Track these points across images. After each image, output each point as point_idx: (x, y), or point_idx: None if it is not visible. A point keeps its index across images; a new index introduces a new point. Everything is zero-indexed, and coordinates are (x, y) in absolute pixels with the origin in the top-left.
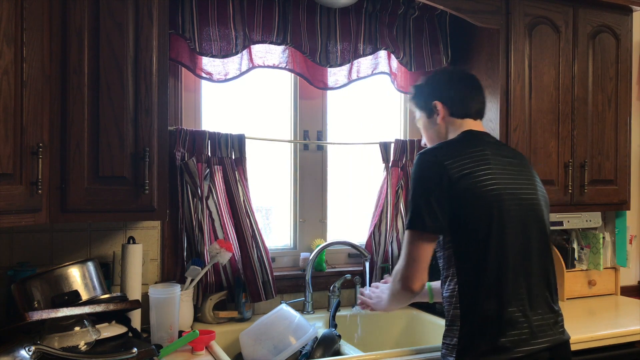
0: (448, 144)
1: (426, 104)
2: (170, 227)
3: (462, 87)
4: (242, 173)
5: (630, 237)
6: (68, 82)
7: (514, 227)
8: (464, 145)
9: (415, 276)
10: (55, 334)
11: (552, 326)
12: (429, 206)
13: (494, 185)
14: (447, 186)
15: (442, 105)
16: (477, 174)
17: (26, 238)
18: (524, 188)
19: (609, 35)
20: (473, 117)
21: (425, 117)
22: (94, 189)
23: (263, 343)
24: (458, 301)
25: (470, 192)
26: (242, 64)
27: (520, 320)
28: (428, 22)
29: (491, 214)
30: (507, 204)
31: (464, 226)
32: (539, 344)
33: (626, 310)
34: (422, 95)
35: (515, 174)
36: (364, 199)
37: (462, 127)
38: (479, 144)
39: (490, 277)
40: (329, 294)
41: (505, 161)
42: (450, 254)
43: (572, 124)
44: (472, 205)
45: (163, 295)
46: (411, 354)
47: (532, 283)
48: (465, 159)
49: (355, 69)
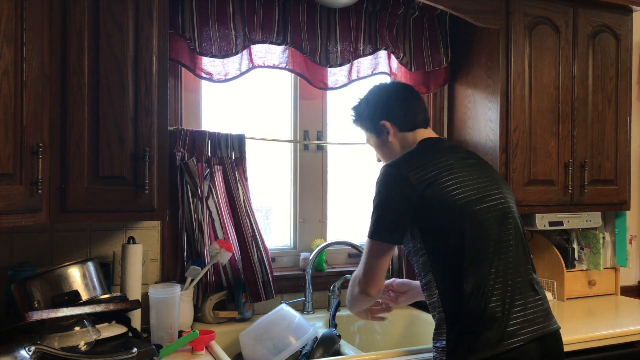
0: (411, 155)
1: (373, 125)
2: (170, 227)
3: (403, 99)
4: (242, 173)
5: (630, 237)
6: (68, 82)
7: (488, 228)
8: (425, 155)
9: (373, 282)
10: (55, 334)
11: (539, 316)
12: (388, 219)
13: (459, 189)
14: (413, 198)
15: (390, 123)
16: (442, 182)
17: (26, 238)
18: (488, 188)
19: (609, 35)
20: (423, 126)
21: (375, 137)
22: (94, 189)
23: (263, 343)
24: (441, 305)
25: (438, 201)
26: (242, 64)
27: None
28: (428, 22)
29: (462, 218)
30: (475, 206)
31: (435, 233)
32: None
33: (626, 310)
34: (366, 117)
35: (478, 174)
36: (364, 199)
37: (417, 138)
38: (440, 151)
39: (469, 279)
40: (329, 294)
41: (466, 163)
42: (425, 260)
43: (572, 124)
44: (441, 213)
45: (163, 295)
46: (411, 354)
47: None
48: (428, 167)
49: (355, 69)
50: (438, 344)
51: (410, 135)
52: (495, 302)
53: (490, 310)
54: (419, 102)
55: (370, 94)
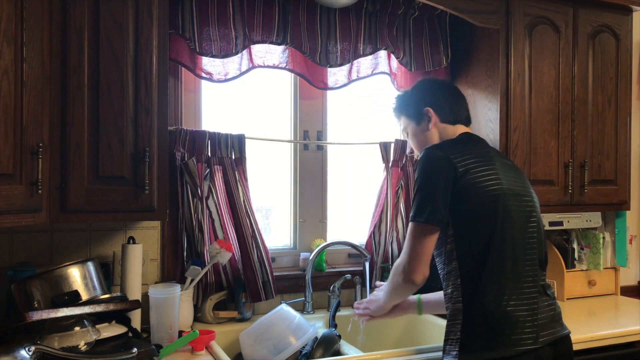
0: (451, 142)
1: (416, 111)
2: (170, 227)
3: (450, 95)
4: (242, 173)
5: (630, 237)
6: (68, 82)
7: (515, 223)
8: (466, 144)
9: (418, 268)
10: (55, 334)
11: (553, 320)
12: (434, 199)
13: (496, 181)
14: (453, 181)
15: (433, 111)
16: (481, 171)
17: (26, 238)
18: (522, 187)
19: (609, 35)
20: (464, 123)
21: (413, 124)
22: (94, 189)
23: (263, 343)
24: (460, 295)
25: (474, 188)
26: (242, 64)
27: (525, 314)
28: (428, 22)
29: (494, 210)
30: (508, 201)
31: (467, 221)
32: (543, 338)
33: (626, 310)
34: (409, 103)
35: (514, 175)
36: (364, 199)
37: (457, 132)
38: (481, 145)
39: (493, 273)
40: (329, 294)
41: (504, 162)
42: (452, 248)
43: (572, 124)
44: (475, 200)
45: (163, 295)
46: (411, 354)
47: (535, 277)
48: (470, 155)
49: (355, 69)
50: (452, 335)
51: (451, 128)
52: (515, 302)
53: (511, 308)
54: (464, 102)
55: (419, 84)
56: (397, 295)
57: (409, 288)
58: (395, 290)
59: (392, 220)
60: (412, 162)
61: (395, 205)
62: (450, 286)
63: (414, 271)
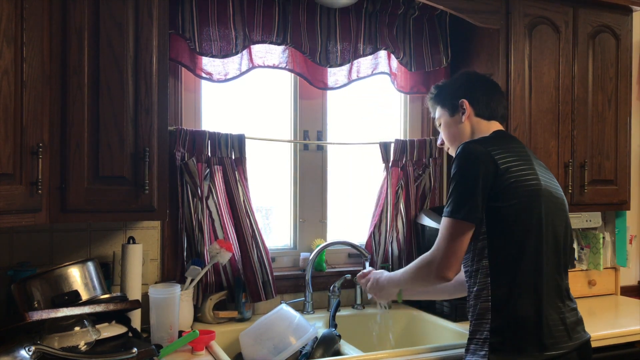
0: (489, 138)
1: (451, 101)
2: (170, 227)
3: (489, 89)
4: (242, 173)
5: (630, 237)
6: (68, 82)
7: (550, 224)
8: (504, 141)
9: (453, 265)
10: (55, 334)
11: (577, 324)
12: (473, 196)
13: (535, 181)
14: (493, 177)
15: (468, 103)
16: (520, 169)
17: (26, 238)
18: (556, 189)
19: (609, 35)
20: (499, 120)
21: (447, 115)
22: (94, 189)
23: (263, 343)
24: (489, 294)
25: (514, 186)
26: (242, 64)
27: (555, 317)
28: (428, 22)
29: (531, 210)
30: (545, 201)
31: (503, 219)
32: (572, 342)
33: (626, 310)
34: (446, 92)
35: (549, 175)
36: (364, 199)
37: (491, 129)
38: (516, 142)
39: (527, 273)
40: (329, 294)
41: (539, 162)
42: (484, 245)
43: (572, 124)
44: (513, 199)
45: (163, 295)
46: (411, 354)
47: (562, 281)
48: (508, 153)
49: (355, 69)
50: (479, 334)
51: (485, 123)
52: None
53: (544, 312)
54: (502, 99)
55: (458, 76)
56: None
57: (439, 283)
58: (419, 282)
59: (392, 220)
60: (414, 154)
61: (395, 205)
62: (478, 284)
63: (449, 268)
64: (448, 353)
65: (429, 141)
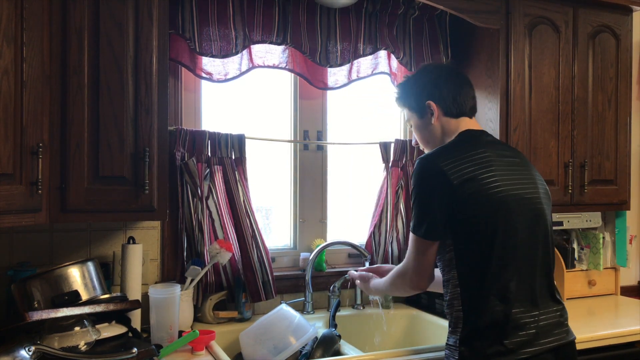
0: (447, 148)
1: (418, 104)
2: (170, 227)
3: (453, 84)
4: (242, 173)
5: (630, 237)
6: (68, 82)
7: (519, 229)
8: (464, 148)
9: (423, 277)
10: (55, 334)
11: (557, 326)
12: (430, 214)
13: (498, 188)
14: (448, 192)
15: (436, 105)
16: (480, 178)
17: (26, 238)
18: (526, 188)
19: (609, 35)
20: (468, 114)
21: (417, 117)
22: (94, 189)
23: (263, 343)
24: (460, 304)
25: (474, 197)
26: (242, 64)
27: (524, 322)
28: (428, 22)
29: (496, 217)
30: (512, 206)
31: (467, 230)
32: (543, 345)
33: (626, 310)
34: (411, 94)
35: (517, 173)
36: (364, 199)
37: (459, 127)
38: (480, 145)
39: (495, 280)
40: (329, 294)
41: (506, 161)
42: (452, 257)
43: (572, 124)
44: (476, 209)
45: (163, 295)
46: (411, 354)
47: (537, 283)
48: (466, 162)
49: (355, 69)
50: (452, 341)
51: (454, 122)
52: (517, 308)
53: (514, 316)
54: (469, 89)
55: (420, 72)
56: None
57: (416, 292)
58: (399, 291)
59: (392, 220)
60: (414, 154)
61: (395, 205)
62: (449, 294)
63: (420, 280)
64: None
65: None
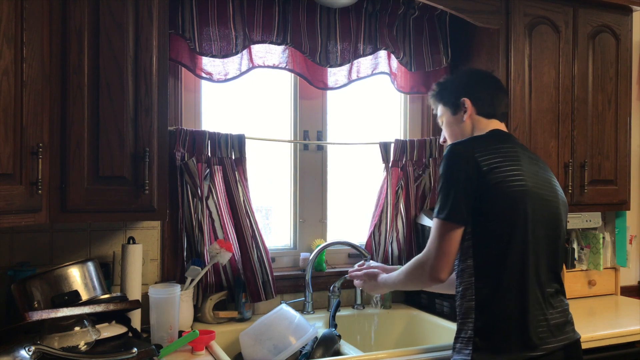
0: (478, 139)
1: (453, 100)
2: (170, 227)
3: (490, 87)
4: (242, 173)
5: (630, 237)
6: (68, 82)
7: (538, 225)
8: (494, 141)
9: (445, 266)
10: (55, 334)
11: (566, 324)
12: (456, 197)
13: (521, 182)
14: (476, 178)
15: (470, 102)
16: (506, 170)
17: (26, 238)
18: (547, 190)
19: (609, 35)
20: (499, 118)
21: (449, 113)
22: (94, 189)
23: (263, 343)
24: (473, 294)
25: (498, 187)
26: (242, 64)
27: (540, 318)
28: (428, 22)
29: (517, 210)
30: (532, 202)
31: (487, 220)
32: (557, 342)
33: (626, 310)
34: (448, 90)
35: (541, 175)
36: (364, 199)
37: (489, 127)
38: (509, 142)
39: (512, 273)
40: (329, 294)
41: (531, 161)
42: (469, 245)
43: (572, 124)
44: (498, 200)
45: (163, 295)
46: (411, 354)
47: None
48: (495, 154)
49: (355, 69)
50: (463, 333)
51: (485, 122)
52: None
53: (530, 310)
54: (504, 96)
55: (461, 73)
56: (414, 287)
57: (433, 284)
58: (414, 284)
59: (392, 220)
60: (414, 154)
61: (395, 205)
62: (463, 284)
63: (441, 270)
64: (448, 353)
65: (429, 141)
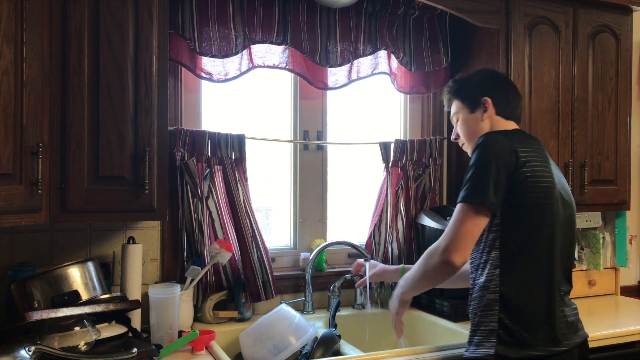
0: (510, 132)
1: (472, 98)
2: (170, 227)
3: (510, 90)
4: (242, 173)
5: (630, 237)
6: (68, 82)
7: (560, 224)
8: (524, 137)
9: (461, 250)
10: (55, 334)
11: (579, 323)
12: (491, 184)
13: (550, 178)
14: (513, 169)
15: (491, 102)
16: (538, 166)
17: (26, 238)
18: (565, 191)
19: (609, 35)
20: (516, 120)
21: (467, 111)
22: (94, 189)
23: (263, 343)
24: (498, 285)
25: (530, 181)
26: (242, 64)
27: (562, 315)
28: (428, 22)
29: (546, 207)
30: (558, 201)
31: (517, 212)
32: (575, 339)
33: (626, 310)
34: (467, 88)
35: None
36: (364, 199)
37: (507, 128)
38: (537, 141)
39: (540, 268)
40: (329, 294)
41: (553, 164)
42: (495, 237)
43: (572, 124)
44: (529, 193)
45: (163, 295)
46: (411, 354)
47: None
48: (530, 148)
49: (355, 69)
50: (484, 326)
51: (503, 122)
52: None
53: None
54: (520, 100)
55: (481, 72)
56: (427, 280)
57: (445, 271)
58: (426, 274)
59: (392, 220)
60: (414, 154)
61: (395, 205)
62: (486, 275)
63: (456, 251)
64: (448, 353)
65: (429, 141)
